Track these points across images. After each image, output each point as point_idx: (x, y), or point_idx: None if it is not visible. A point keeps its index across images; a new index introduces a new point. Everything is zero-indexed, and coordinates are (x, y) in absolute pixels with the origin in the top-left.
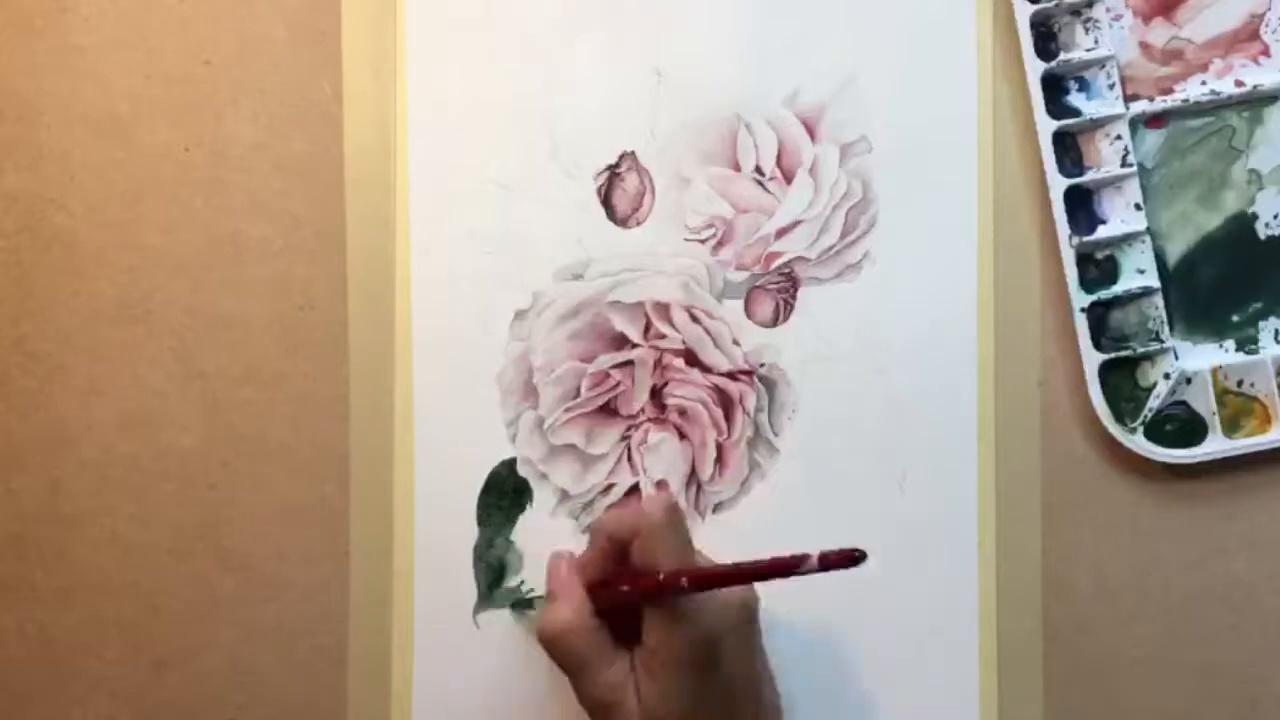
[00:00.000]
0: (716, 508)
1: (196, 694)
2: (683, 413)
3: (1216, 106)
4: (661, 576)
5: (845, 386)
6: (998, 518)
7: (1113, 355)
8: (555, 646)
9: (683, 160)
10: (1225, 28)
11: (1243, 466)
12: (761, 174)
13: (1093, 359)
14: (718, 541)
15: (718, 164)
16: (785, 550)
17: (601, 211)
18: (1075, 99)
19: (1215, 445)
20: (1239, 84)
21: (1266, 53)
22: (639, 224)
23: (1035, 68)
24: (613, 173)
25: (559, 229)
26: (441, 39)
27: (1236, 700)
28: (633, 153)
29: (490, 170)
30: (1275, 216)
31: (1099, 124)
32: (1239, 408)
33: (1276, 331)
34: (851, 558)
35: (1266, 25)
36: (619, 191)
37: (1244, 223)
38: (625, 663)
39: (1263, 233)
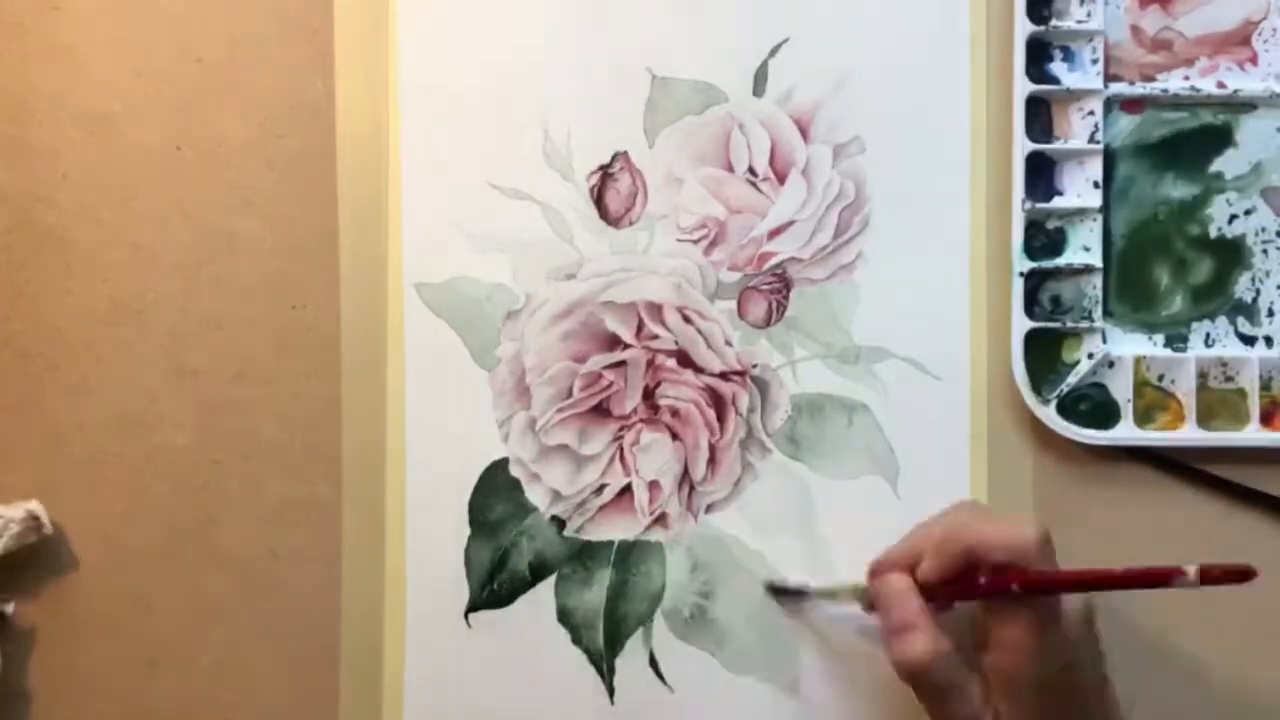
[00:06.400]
0: (709, 508)
1: (188, 693)
2: (675, 413)
3: (1194, 104)
4: (1016, 584)
5: (838, 387)
6: None
7: (1040, 325)
8: (920, 678)
9: (675, 160)
10: (1218, 27)
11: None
12: (754, 174)
13: (1021, 325)
14: (710, 541)
15: (710, 164)
16: (776, 550)
17: (594, 211)
18: (1057, 68)
19: (1125, 432)
20: (1221, 85)
21: (1254, 60)
22: (631, 224)
23: (1024, 29)
24: (605, 173)
25: (551, 229)
26: (433, 37)
27: (1228, 699)
28: (625, 153)
29: (483, 169)
30: (1230, 220)
31: (1075, 96)
32: (1155, 401)
33: (1208, 335)
34: (1239, 574)
35: (1259, 33)
36: (612, 191)
37: (1198, 222)
38: (979, 685)
39: (1214, 234)
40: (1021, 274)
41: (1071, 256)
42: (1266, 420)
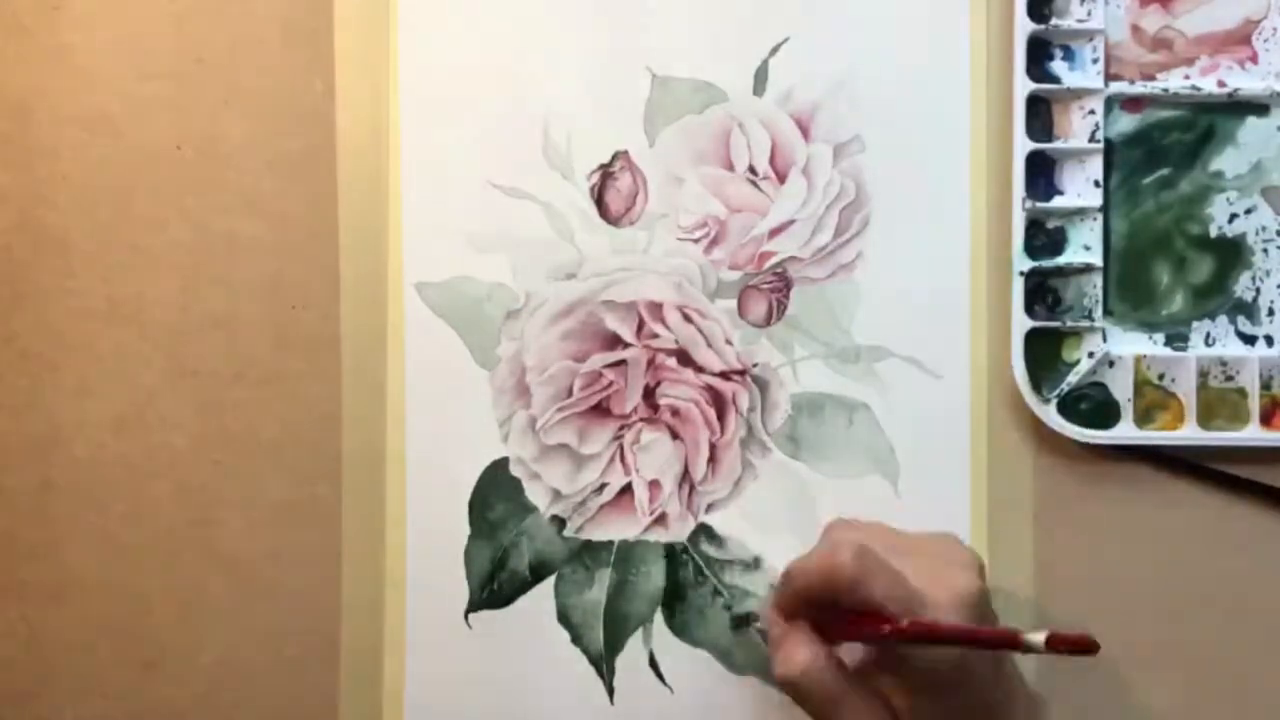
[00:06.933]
0: (709, 508)
1: (187, 694)
2: (675, 412)
3: (1194, 103)
4: (888, 628)
5: (838, 386)
6: (990, 520)
7: (1041, 324)
8: (801, 688)
9: (676, 160)
10: (1219, 26)
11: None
12: (755, 174)
13: (1021, 324)
14: (710, 540)
15: (711, 163)
16: (776, 550)
17: (594, 211)
18: (1058, 66)
19: (1125, 431)
20: (1221, 84)
21: (1254, 59)
22: (632, 223)
23: (1024, 28)
24: (606, 172)
25: (552, 228)
26: (433, 37)
27: (1228, 698)
28: (626, 152)
29: (483, 169)
30: (1230, 220)
31: (1075, 95)
32: (1155, 400)
33: (1209, 334)
34: (1083, 645)
35: (1260, 33)
36: (612, 191)
37: (1198, 221)
38: (866, 695)
39: (1214, 234)
40: (1021, 273)
41: (1072, 256)
42: (1267, 420)
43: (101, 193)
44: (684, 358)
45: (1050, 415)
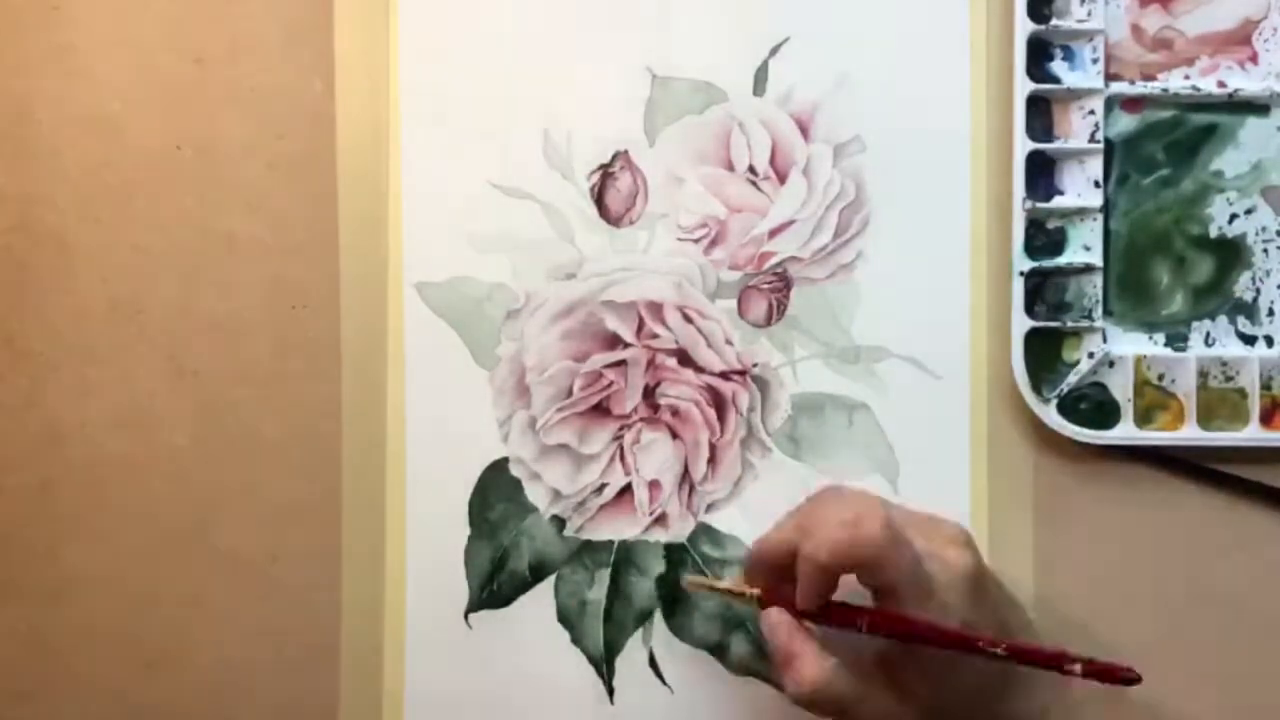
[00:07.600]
0: (709, 508)
1: (188, 694)
2: (675, 412)
3: (1194, 103)
4: (918, 624)
5: (838, 386)
6: (990, 520)
7: (1041, 324)
8: (817, 707)
9: (676, 160)
10: (1219, 26)
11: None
12: (755, 174)
13: (1021, 324)
14: (710, 540)
15: (711, 164)
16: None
17: (594, 211)
18: (1058, 67)
19: (1125, 432)
20: (1221, 85)
21: (1254, 59)
22: (632, 223)
23: (1024, 28)
24: (606, 172)
25: (552, 228)
26: (434, 37)
27: (1228, 698)
28: (626, 152)
29: (483, 169)
30: (1230, 220)
31: (1075, 95)
32: (1155, 401)
33: (1208, 334)
34: (1125, 677)
35: (1260, 33)
36: (612, 191)
37: (1198, 221)
38: (881, 685)
39: (1214, 234)
40: (1021, 273)
41: (1072, 256)
42: (1266, 420)
43: (101, 193)
44: (684, 358)
45: (1050, 415)
